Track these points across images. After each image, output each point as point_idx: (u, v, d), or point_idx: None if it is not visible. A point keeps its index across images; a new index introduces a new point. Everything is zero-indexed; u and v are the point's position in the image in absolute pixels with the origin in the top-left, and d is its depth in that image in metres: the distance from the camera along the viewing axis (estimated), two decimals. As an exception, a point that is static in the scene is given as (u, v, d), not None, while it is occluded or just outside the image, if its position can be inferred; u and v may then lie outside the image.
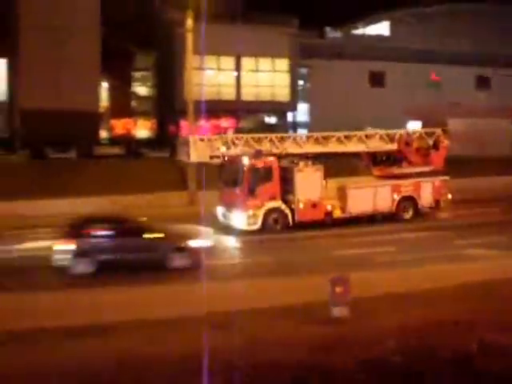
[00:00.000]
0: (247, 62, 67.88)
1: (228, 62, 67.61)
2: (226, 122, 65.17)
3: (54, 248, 21.57)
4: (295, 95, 69.81)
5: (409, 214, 30.14)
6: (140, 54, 72.57)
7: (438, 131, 32.26)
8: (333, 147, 29.78)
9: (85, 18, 61.17)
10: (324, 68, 69.84)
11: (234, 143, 28.07)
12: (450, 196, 30.98)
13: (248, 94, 67.49)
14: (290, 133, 33.99)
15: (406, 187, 30.04)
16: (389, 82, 73.09)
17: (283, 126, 65.92)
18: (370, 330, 15.09)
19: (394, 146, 30.94)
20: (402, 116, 64.27)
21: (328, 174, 29.42)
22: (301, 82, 72.68)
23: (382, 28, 79.00)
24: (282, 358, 12.97)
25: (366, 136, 30.97)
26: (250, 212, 26.69)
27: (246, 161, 27.04)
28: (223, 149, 27.78)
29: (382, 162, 31.48)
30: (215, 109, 54.41)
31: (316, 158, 29.15)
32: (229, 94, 67.28)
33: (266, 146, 28.21)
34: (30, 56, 59.51)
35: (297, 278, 20.04)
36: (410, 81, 70.88)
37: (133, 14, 67.51)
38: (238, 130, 60.07)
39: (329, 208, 28.23)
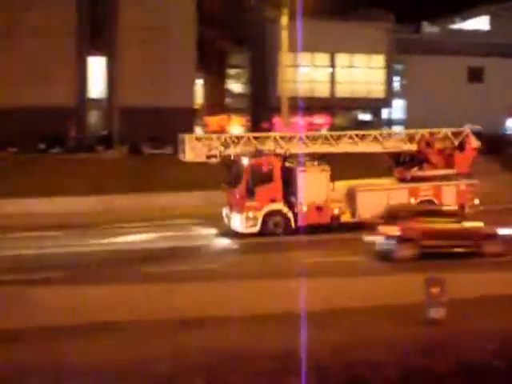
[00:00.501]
0: (342, 59, 67.36)
1: (322, 58, 67.28)
2: (319, 119, 64.82)
3: (377, 235, 21.85)
4: (390, 92, 68.87)
5: None
6: (234, 52, 73.05)
7: (467, 131, 29.83)
8: (344, 147, 28.10)
9: (181, 16, 61.95)
10: (420, 64, 68.55)
11: (234, 142, 26.69)
12: (477, 201, 28.10)
13: (342, 91, 67.01)
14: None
15: (425, 191, 27.56)
16: (488, 77, 71.10)
17: (378, 123, 65.07)
18: (468, 332, 14.62)
19: (413, 147, 28.83)
20: (503, 113, 62.38)
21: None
22: (396, 79, 71.56)
23: (480, 22, 76.92)
24: (381, 359, 12.71)
25: (382, 135, 29.16)
26: (249, 214, 25.18)
27: (245, 161, 25.69)
28: (221, 148, 26.42)
29: (405, 164, 29.21)
30: (309, 106, 54.11)
31: (321, 158, 27.29)
32: (323, 90, 66.99)
33: (269, 146, 26.75)
34: (127, 54, 60.77)
35: (391, 277, 19.61)
36: (510, 77, 68.69)
37: (228, 12, 67.98)
38: (331, 127, 59.67)
39: (336, 212, 26.27)
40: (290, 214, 25.57)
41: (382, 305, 16.52)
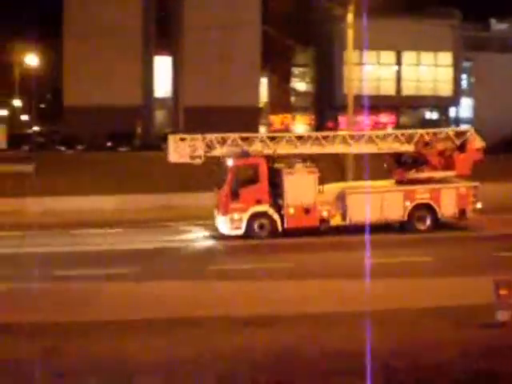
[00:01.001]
0: (408, 56, 66.61)
1: (388, 56, 66.65)
2: (385, 118, 64.21)
3: None
4: (458, 90, 67.74)
5: (425, 225, 25.88)
6: (299, 50, 72.94)
7: (471, 131, 28.18)
8: (336, 148, 27.04)
9: (246, 15, 62.22)
10: (489, 61, 67.21)
11: (220, 143, 25.86)
12: (479, 205, 26.33)
13: (408, 89, 66.29)
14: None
15: (422, 194, 25.97)
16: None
17: (445, 122, 64.11)
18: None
19: (411, 148, 27.21)
20: None
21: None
22: (464, 77, 70.33)
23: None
24: (448, 361, 12.52)
25: (377, 136, 27.47)
26: (234, 216, 24.46)
27: (229, 162, 25.02)
28: (206, 149, 25.73)
29: (406, 166, 27.55)
30: (375, 104, 53.67)
31: (308, 158, 26.19)
32: (389, 88, 66.40)
33: (256, 147, 25.67)
34: (193, 54, 61.33)
35: (458, 279, 19.23)
36: None
37: (293, 11, 67.91)
38: (397, 126, 59.02)
39: (324, 214, 25.16)
40: (277, 217, 24.76)
41: (448, 306, 16.24)
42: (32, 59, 77.33)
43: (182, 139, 26.02)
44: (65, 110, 63.89)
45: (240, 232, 24.61)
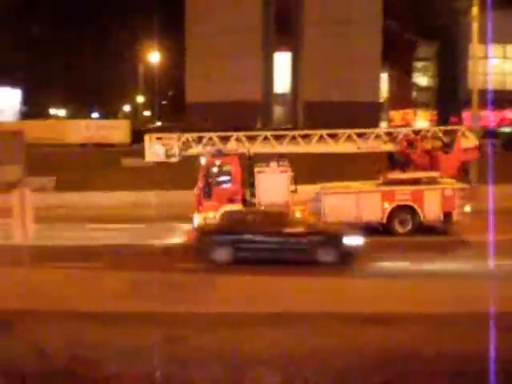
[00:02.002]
0: (536, 50, 64.02)
1: (515, 49, 64.29)
2: (511, 113, 61.91)
3: None
4: None
5: (405, 228, 24.53)
6: (421, 44, 71.47)
7: (463, 129, 26.67)
8: (314, 148, 26.08)
9: (367, 9, 61.51)
10: None
11: (195, 142, 25.60)
12: (468, 208, 24.78)
13: (536, 84, 63.70)
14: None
15: (402, 195, 24.61)
16: None
17: None
18: None
19: (393, 147, 25.96)
20: None
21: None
22: None
23: None
24: None
25: (357, 135, 26.24)
26: (207, 214, 24.05)
27: (202, 160, 24.72)
28: (182, 147, 25.56)
29: (396, 166, 26.13)
30: (499, 99, 51.85)
31: (282, 158, 25.22)
32: (515, 83, 64.02)
33: (231, 145, 25.32)
34: (312, 49, 61.18)
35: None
36: None
37: (414, 4, 66.62)
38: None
39: (297, 215, 23.93)
40: None
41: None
42: (155, 57, 79.57)
43: (158, 138, 26.04)
44: (186, 107, 65.19)
45: None
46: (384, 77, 69.32)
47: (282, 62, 65.75)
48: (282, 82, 65.63)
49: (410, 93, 72.64)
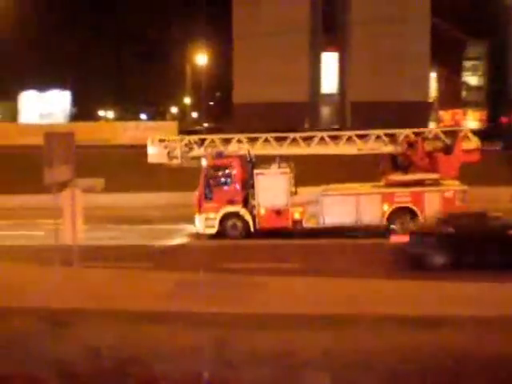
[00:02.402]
0: None
1: None
2: None
3: None
4: None
5: (405, 230, 23.77)
6: (471, 43, 70.51)
7: (465, 131, 26.17)
8: (314, 149, 26.01)
9: (415, 8, 60.96)
10: None
11: (197, 144, 25.80)
12: None
13: None
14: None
15: (402, 197, 24.38)
16: None
17: None
18: None
19: (395, 149, 25.61)
20: None
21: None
22: None
23: None
24: None
25: (358, 136, 26.01)
26: (208, 215, 24.41)
27: (203, 162, 24.93)
28: (185, 150, 25.78)
29: (400, 168, 25.84)
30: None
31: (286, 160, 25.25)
32: None
33: (232, 147, 25.49)
34: (360, 48, 60.83)
35: None
36: None
37: (464, 3, 65.75)
38: None
39: (297, 216, 24.38)
40: (249, 217, 24.44)
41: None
42: (203, 58, 80.00)
43: (161, 140, 26.49)
44: (234, 108, 65.37)
45: (213, 231, 24.57)
46: (433, 76, 68.54)
47: (330, 62, 65.48)
48: (329, 82, 65.39)
49: (459, 92, 71.78)
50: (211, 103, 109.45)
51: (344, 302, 15.75)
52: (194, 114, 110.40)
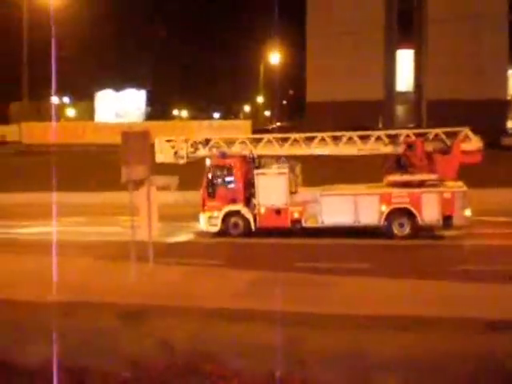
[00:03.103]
0: None
1: None
2: None
3: None
4: None
5: (403, 231, 24.17)
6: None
7: (466, 131, 25.30)
8: (315, 150, 25.98)
9: (492, 4, 59.68)
10: None
11: (202, 145, 26.47)
12: (468, 212, 23.91)
13: None
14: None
15: (400, 198, 24.17)
16: None
17: None
18: None
19: (394, 149, 25.32)
20: None
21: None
22: None
23: None
24: None
25: (358, 137, 25.75)
26: (210, 213, 25.34)
27: (207, 162, 25.89)
28: (190, 150, 26.51)
29: (404, 168, 25.57)
30: None
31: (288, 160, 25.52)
32: None
33: (235, 148, 26.02)
34: (436, 46, 59.90)
35: None
36: None
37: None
38: None
39: (296, 216, 24.68)
40: (250, 216, 25.15)
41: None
42: (276, 57, 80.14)
43: (168, 141, 27.22)
44: (307, 106, 65.26)
45: (216, 229, 25.37)
46: (511, 73, 66.97)
47: (405, 59, 64.69)
48: (404, 80, 64.60)
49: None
50: (284, 102, 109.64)
51: (426, 303, 15.49)
52: (267, 113, 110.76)
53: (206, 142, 26.85)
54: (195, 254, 22.02)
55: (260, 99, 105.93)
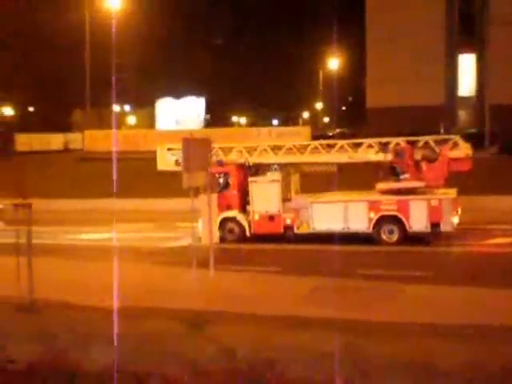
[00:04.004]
0: None
1: None
2: None
3: None
4: None
5: (391, 237, 24.54)
6: None
7: (455, 139, 26.34)
8: (307, 158, 26.96)
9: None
10: None
11: None
12: (456, 219, 24.28)
13: None
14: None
15: (388, 205, 24.59)
16: None
17: None
18: None
19: (384, 157, 25.85)
20: None
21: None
22: None
23: None
24: None
25: (349, 145, 26.75)
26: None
27: None
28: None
29: (396, 175, 25.75)
30: None
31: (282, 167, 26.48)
32: None
33: (232, 156, 27.19)
34: (499, 50, 58.83)
35: None
36: None
37: None
38: None
39: (288, 222, 25.31)
40: (245, 222, 25.92)
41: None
42: (335, 63, 79.93)
43: (169, 149, 28.49)
44: (368, 112, 64.83)
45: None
46: None
47: (467, 63, 63.73)
48: (466, 84, 63.64)
49: None
50: (343, 108, 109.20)
51: (491, 311, 15.16)
52: (326, 119, 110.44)
53: None
54: (249, 260, 22.15)
55: (319, 105, 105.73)
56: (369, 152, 26.48)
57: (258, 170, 27.03)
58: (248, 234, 25.94)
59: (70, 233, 28.10)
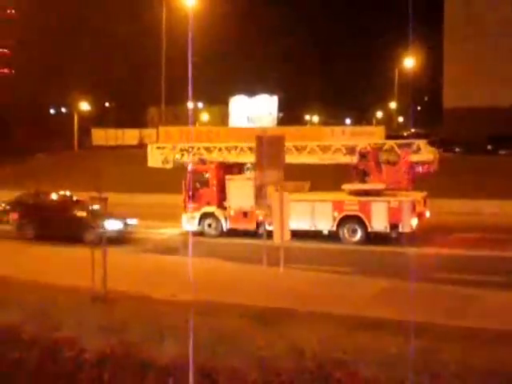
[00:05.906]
0: None
1: None
2: None
3: None
4: None
5: (354, 237, 25.73)
6: None
7: (418, 143, 27.76)
8: None
9: None
10: None
11: (187, 151, 29.72)
12: (414, 221, 25.11)
13: None
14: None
15: (351, 205, 25.83)
16: None
17: None
18: None
19: (351, 159, 27.58)
20: None
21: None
22: None
23: None
24: None
25: (319, 147, 28.44)
26: (190, 214, 27.91)
27: (189, 167, 28.75)
28: (177, 156, 29.99)
29: (360, 178, 27.59)
30: None
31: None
32: None
33: (213, 155, 29.09)
34: None
35: None
36: None
37: None
38: None
39: (260, 218, 26.12)
40: (222, 217, 27.74)
41: None
42: (410, 62, 78.81)
43: (158, 148, 31.07)
44: (444, 113, 63.71)
45: (194, 228, 27.48)
46: None
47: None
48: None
49: None
50: (418, 108, 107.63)
51: None
52: (400, 119, 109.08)
53: (191, 148, 30.00)
54: (317, 259, 22.43)
55: (393, 105, 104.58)
56: (338, 154, 28.02)
57: (241, 169, 29.05)
58: (225, 228, 27.86)
59: (145, 227, 28.86)
